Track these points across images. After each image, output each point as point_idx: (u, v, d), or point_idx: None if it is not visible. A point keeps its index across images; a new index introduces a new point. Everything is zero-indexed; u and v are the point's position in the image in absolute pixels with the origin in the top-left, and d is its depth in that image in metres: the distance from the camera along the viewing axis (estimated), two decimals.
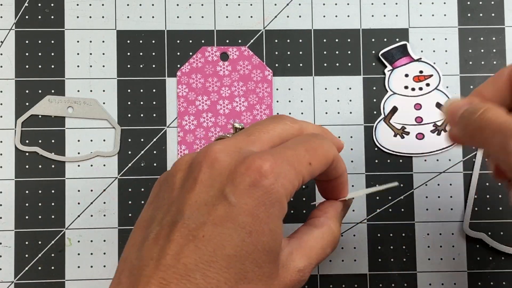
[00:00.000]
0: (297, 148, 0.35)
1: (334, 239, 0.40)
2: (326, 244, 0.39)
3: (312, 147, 0.36)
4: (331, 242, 0.39)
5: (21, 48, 0.62)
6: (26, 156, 0.61)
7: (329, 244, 0.39)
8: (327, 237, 0.39)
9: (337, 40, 0.63)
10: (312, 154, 0.35)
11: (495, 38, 0.63)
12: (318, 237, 0.39)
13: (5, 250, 0.60)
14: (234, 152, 0.34)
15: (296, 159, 0.34)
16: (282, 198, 0.32)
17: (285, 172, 0.33)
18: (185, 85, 0.62)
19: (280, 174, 0.32)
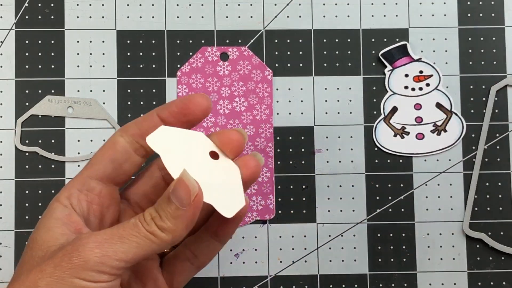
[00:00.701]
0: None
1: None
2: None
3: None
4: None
5: (21, 48, 0.62)
6: (26, 156, 0.61)
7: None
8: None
9: (337, 40, 0.63)
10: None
11: (495, 38, 0.63)
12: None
13: (5, 250, 0.60)
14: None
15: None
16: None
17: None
18: (185, 85, 0.62)
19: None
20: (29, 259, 0.33)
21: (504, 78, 0.63)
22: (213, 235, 0.37)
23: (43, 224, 0.34)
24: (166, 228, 0.31)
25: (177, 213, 0.31)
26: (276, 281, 0.61)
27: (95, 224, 0.36)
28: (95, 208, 0.36)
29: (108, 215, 0.37)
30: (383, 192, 0.62)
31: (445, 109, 0.62)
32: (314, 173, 0.62)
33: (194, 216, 0.32)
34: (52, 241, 0.33)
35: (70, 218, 0.34)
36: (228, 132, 0.35)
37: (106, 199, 0.36)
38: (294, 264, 0.61)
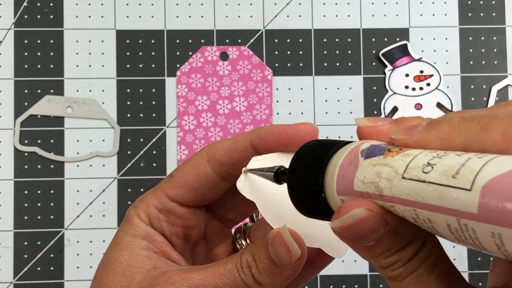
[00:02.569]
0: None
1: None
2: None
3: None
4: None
5: (20, 47, 0.61)
6: (25, 156, 0.60)
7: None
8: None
9: (337, 40, 0.63)
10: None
11: (496, 38, 0.63)
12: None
13: (4, 250, 0.60)
14: None
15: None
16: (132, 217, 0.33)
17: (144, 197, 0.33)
18: (185, 84, 0.62)
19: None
20: (112, 286, 0.30)
21: (505, 78, 0.63)
22: (310, 262, 0.33)
23: (125, 242, 0.31)
24: (263, 283, 0.28)
25: (276, 270, 0.28)
26: None
27: (179, 244, 0.33)
28: (177, 229, 0.32)
29: (193, 234, 0.33)
30: None
31: (446, 109, 0.62)
32: None
33: (295, 274, 0.28)
34: (138, 266, 0.30)
35: (154, 238, 0.31)
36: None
37: (190, 221, 0.32)
38: None
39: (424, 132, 0.21)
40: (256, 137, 0.30)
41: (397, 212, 0.20)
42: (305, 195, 0.24)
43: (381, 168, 0.20)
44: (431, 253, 0.22)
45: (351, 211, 0.21)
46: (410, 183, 0.19)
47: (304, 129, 0.29)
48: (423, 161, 0.19)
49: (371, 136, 0.23)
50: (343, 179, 0.22)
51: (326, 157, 0.23)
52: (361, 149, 0.22)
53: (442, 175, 0.18)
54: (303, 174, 0.24)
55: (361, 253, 0.22)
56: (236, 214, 0.34)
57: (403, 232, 0.21)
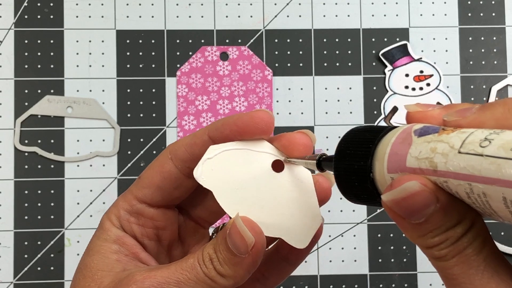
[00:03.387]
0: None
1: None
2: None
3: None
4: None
5: (20, 47, 0.61)
6: (25, 156, 0.60)
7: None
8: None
9: (337, 40, 0.63)
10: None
11: (496, 38, 0.63)
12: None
13: (4, 250, 0.60)
14: None
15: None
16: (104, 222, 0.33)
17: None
18: (185, 84, 0.62)
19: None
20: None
21: (505, 78, 0.63)
22: (284, 258, 0.33)
23: (97, 247, 0.31)
24: (225, 274, 0.28)
25: (236, 260, 0.28)
26: None
27: (152, 246, 0.33)
28: (149, 231, 0.32)
29: (165, 235, 0.33)
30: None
31: None
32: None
33: (255, 263, 0.28)
34: (107, 269, 0.30)
35: (124, 241, 0.31)
36: (292, 136, 0.31)
37: (161, 222, 0.32)
38: None
39: (478, 113, 0.21)
40: (213, 129, 0.30)
41: (450, 188, 0.20)
42: (352, 177, 0.24)
43: (436, 144, 0.20)
44: (480, 234, 0.22)
45: (404, 183, 0.21)
46: (467, 157, 0.19)
47: (258, 116, 0.29)
48: (480, 137, 0.19)
49: (421, 121, 0.23)
50: (395, 156, 0.22)
51: (376, 138, 0.23)
52: (414, 129, 0.22)
53: (501, 148, 0.18)
54: (351, 156, 0.24)
55: (408, 231, 0.22)
56: (209, 213, 0.34)
57: (453, 210, 0.21)
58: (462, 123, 0.21)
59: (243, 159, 0.29)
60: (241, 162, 0.29)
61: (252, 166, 0.29)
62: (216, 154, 0.29)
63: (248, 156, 0.29)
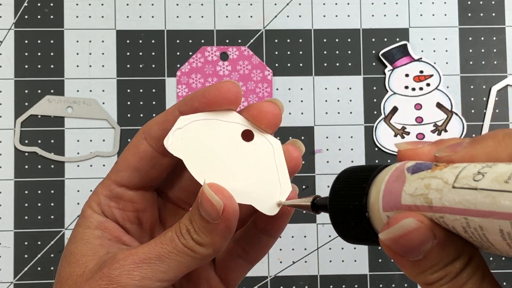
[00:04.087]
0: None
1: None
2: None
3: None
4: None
5: (20, 47, 0.61)
6: (25, 156, 0.60)
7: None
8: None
9: (337, 40, 0.63)
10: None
11: (496, 38, 0.63)
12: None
13: (4, 250, 0.60)
14: None
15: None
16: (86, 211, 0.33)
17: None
18: (185, 85, 0.62)
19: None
20: (68, 277, 0.31)
21: (504, 78, 0.63)
22: (262, 230, 0.34)
23: (79, 234, 0.31)
24: (203, 242, 0.29)
25: (210, 227, 0.28)
26: (276, 282, 0.61)
27: (134, 229, 0.33)
28: (129, 214, 0.33)
29: (146, 218, 0.34)
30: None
31: (446, 109, 0.62)
32: (314, 173, 0.61)
33: (229, 228, 0.29)
34: (91, 254, 0.31)
35: (106, 226, 0.32)
36: (260, 105, 0.31)
37: (140, 204, 0.33)
38: (294, 264, 0.61)
39: (469, 147, 0.22)
40: (183, 104, 0.30)
41: (446, 223, 0.20)
42: (348, 217, 0.24)
43: (430, 181, 0.20)
44: (479, 268, 0.21)
45: (401, 221, 0.21)
46: (461, 191, 0.19)
47: (226, 87, 0.29)
48: (473, 171, 0.19)
49: (413, 158, 0.24)
50: (390, 194, 0.22)
51: (369, 178, 0.23)
52: (406, 167, 0.22)
53: (494, 181, 0.18)
54: (345, 196, 0.24)
55: (408, 269, 0.22)
56: (187, 193, 0.34)
57: (450, 246, 0.21)
58: (454, 158, 0.22)
59: (213, 129, 0.30)
60: (211, 132, 0.30)
61: (222, 135, 0.30)
62: (186, 124, 0.29)
63: (218, 126, 0.30)
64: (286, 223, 0.33)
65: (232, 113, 0.30)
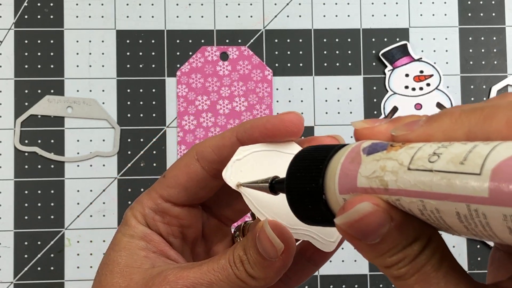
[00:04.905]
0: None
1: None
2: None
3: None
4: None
5: (20, 47, 0.61)
6: (25, 156, 0.60)
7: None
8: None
9: (337, 40, 0.63)
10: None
11: (496, 38, 0.63)
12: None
13: (4, 250, 0.60)
14: None
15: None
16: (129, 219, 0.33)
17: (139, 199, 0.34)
18: (185, 85, 0.62)
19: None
20: (109, 286, 0.30)
21: (505, 78, 0.63)
22: (308, 259, 0.33)
23: (123, 243, 0.31)
24: (256, 276, 0.28)
25: (266, 263, 0.28)
26: None
27: (177, 243, 0.33)
28: (174, 229, 0.32)
29: (190, 233, 0.33)
30: None
31: None
32: None
33: (285, 266, 0.28)
34: (136, 266, 0.30)
35: (152, 238, 0.31)
36: (321, 139, 0.30)
37: (185, 220, 0.32)
38: None
39: (425, 126, 0.21)
40: (242, 131, 0.30)
41: (402, 206, 0.20)
42: (305, 199, 0.23)
43: (385, 162, 0.20)
44: (437, 250, 0.21)
45: (356, 205, 0.20)
46: (417, 173, 0.19)
47: (288, 119, 0.29)
48: (429, 152, 0.19)
49: (369, 137, 0.23)
50: (346, 177, 0.21)
51: (326, 159, 0.22)
52: (362, 147, 0.21)
53: (450, 163, 0.18)
54: (302, 178, 0.23)
55: (366, 252, 0.22)
56: (233, 211, 0.34)
57: (408, 228, 0.21)
58: (410, 137, 0.21)
59: (272, 161, 0.29)
60: (271, 164, 0.29)
61: (282, 168, 0.28)
62: (245, 156, 0.28)
63: (277, 158, 0.29)
64: (333, 254, 0.32)
65: (292, 145, 0.30)
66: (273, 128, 0.29)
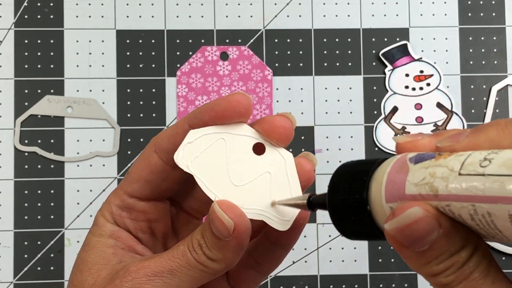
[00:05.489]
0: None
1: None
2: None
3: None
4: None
5: (20, 47, 0.61)
6: (25, 156, 0.60)
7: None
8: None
9: (337, 40, 0.63)
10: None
11: (496, 38, 0.63)
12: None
13: (4, 250, 0.60)
14: None
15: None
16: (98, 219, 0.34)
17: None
18: (185, 84, 0.62)
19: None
20: (79, 285, 0.31)
21: (505, 77, 0.63)
22: (275, 242, 0.33)
23: (92, 242, 0.32)
24: (214, 258, 0.29)
25: (221, 243, 0.28)
26: (276, 281, 0.61)
27: (146, 239, 0.33)
28: (142, 224, 0.33)
29: (158, 227, 0.34)
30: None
31: (446, 109, 0.62)
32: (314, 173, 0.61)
33: (241, 245, 0.28)
34: (103, 262, 0.31)
35: (119, 235, 0.32)
36: (272, 118, 0.30)
37: (152, 215, 0.33)
38: (294, 264, 0.61)
39: (471, 136, 0.21)
40: (193, 117, 0.30)
41: (452, 211, 0.20)
42: (348, 211, 0.23)
43: (435, 169, 0.20)
44: (485, 257, 0.21)
45: (407, 210, 0.20)
46: (468, 178, 0.19)
47: (236, 100, 0.29)
48: (479, 157, 0.19)
49: (413, 150, 0.23)
50: (393, 185, 0.21)
51: (370, 170, 0.23)
52: (409, 157, 0.22)
53: (502, 166, 0.18)
54: (345, 191, 0.24)
55: (413, 260, 0.22)
56: (200, 203, 0.34)
57: (456, 235, 0.21)
58: (457, 147, 0.21)
59: (223, 143, 0.29)
60: (222, 145, 0.29)
61: (233, 149, 0.29)
62: (196, 139, 0.29)
63: (228, 139, 0.30)
64: (299, 235, 0.33)
65: (243, 126, 0.30)
66: (221, 110, 0.29)
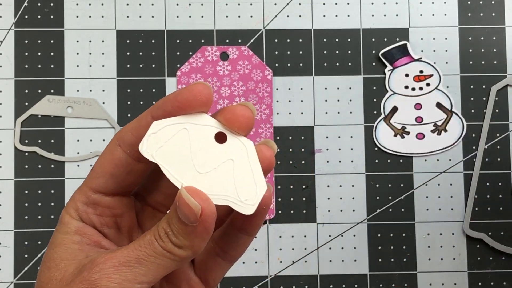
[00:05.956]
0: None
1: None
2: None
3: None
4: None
5: (20, 47, 0.61)
6: (25, 156, 0.60)
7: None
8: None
9: (337, 40, 0.63)
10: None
11: (496, 38, 0.63)
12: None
13: (4, 250, 0.60)
14: None
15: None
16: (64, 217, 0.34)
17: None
18: (185, 85, 0.62)
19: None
20: (47, 281, 0.32)
21: (504, 77, 0.63)
22: (239, 229, 0.34)
23: (58, 240, 0.32)
24: (181, 245, 0.29)
25: (188, 229, 0.29)
26: (276, 281, 0.61)
27: (112, 234, 0.34)
28: (107, 220, 0.33)
29: (124, 222, 0.34)
30: (383, 192, 0.62)
31: (446, 109, 0.62)
32: (314, 173, 0.61)
33: (207, 230, 0.29)
34: (70, 258, 0.31)
35: (85, 231, 0.32)
36: (233, 108, 0.31)
37: (117, 210, 0.33)
38: (294, 264, 0.61)
39: None
40: (156, 109, 0.31)
41: None
42: None
43: None
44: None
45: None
46: None
47: (197, 89, 0.30)
48: None
49: None
50: None
51: None
52: None
53: None
54: None
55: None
56: (164, 196, 0.35)
57: None
58: None
59: (186, 133, 0.31)
60: (185, 135, 0.31)
61: (196, 139, 0.31)
62: (160, 129, 0.30)
63: (191, 129, 0.31)
64: (262, 221, 0.34)
65: (204, 116, 0.31)
66: (184, 100, 0.30)
